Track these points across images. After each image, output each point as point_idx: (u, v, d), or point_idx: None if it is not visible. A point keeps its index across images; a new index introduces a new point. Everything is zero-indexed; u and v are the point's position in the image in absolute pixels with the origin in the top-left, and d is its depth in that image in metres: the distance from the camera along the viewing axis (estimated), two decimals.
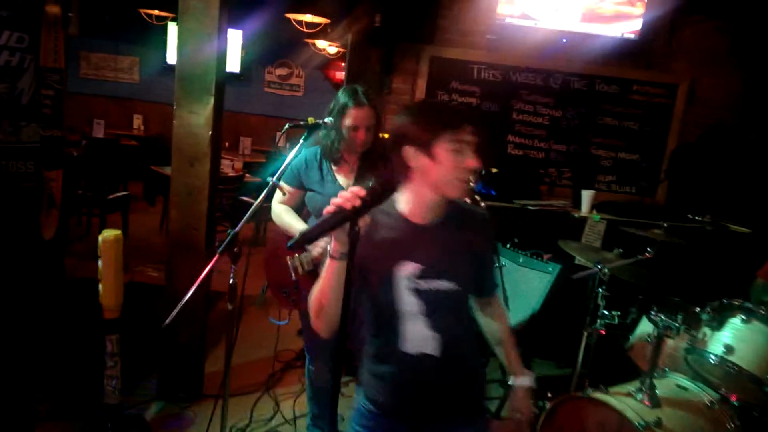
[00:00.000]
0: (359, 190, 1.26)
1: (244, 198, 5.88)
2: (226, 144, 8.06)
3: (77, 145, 6.93)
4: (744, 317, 2.22)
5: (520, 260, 3.31)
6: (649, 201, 4.53)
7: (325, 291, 1.38)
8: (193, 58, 2.76)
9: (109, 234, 2.58)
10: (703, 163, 4.22)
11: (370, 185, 1.28)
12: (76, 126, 8.31)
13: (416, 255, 1.45)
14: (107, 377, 2.64)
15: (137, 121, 9.29)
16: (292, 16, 5.90)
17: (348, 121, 2.30)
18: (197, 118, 2.82)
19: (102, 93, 9.47)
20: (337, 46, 7.71)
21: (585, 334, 2.77)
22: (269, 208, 2.52)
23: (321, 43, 7.71)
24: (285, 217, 2.46)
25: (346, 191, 1.26)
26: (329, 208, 1.25)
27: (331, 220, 1.24)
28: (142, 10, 7.19)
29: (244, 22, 8.28)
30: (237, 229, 2.07)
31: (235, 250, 2.10)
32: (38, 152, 4.11)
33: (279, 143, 4.24)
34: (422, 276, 1.44)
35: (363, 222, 1.30)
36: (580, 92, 4.41)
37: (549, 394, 3.39)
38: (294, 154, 2.20)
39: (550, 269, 3.20)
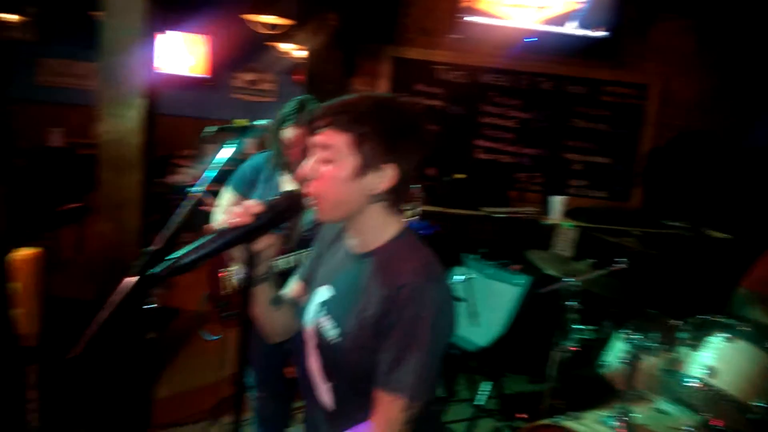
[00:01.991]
0: (254, 205, 1.02)
1: (204, 208, 5.59)
2: (191, 152, 7.77)
3: (28, 155, 6.58)
4: (727, 335, 2.02)
5: (489, 272, 3.14)
6: (623, 206, 4.36)
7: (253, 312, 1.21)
8: (118, 56, 2.50)
9: (22, 252, 2.31)
10: (678, 166, 4.07)
11: (272, 199, 1.05)
12: (33, 135, 7.93)
13: (330, 282, 1.24)
14: (26, 412, 2.37)
15: (97, 129, 8.93)
16: (250, 17, 5.65)
17: (284, 136, 2.07)
18: (126, 122, 2.55)
19: (61, 100, 9.09)
20: (302, 50, 7.47)
21: (556, 350, 2.57)
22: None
23: (285, 46, 7.45)
24: None
25: (238, 206, 1.02)
26: (215, 226, 1.01)
27: (216, 242, 0.99)
28: (95, 14, 6.86)
29: (210, 25, 8.04)
30: (154, 248, 1.81)
31: (155, 271, 1.83)
32: None
33: (204, 150, 3.97)
34: (321, 308, 1.23)
35: (264, 244, 1.06)
36: (549, 93, 4.23)
37: (516, 415, 3.23)
38: (219, 161, 1.96)
39: (520, 281, 3.02)
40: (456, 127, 4.21)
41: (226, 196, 2.30)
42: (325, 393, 1.23)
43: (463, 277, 2.90)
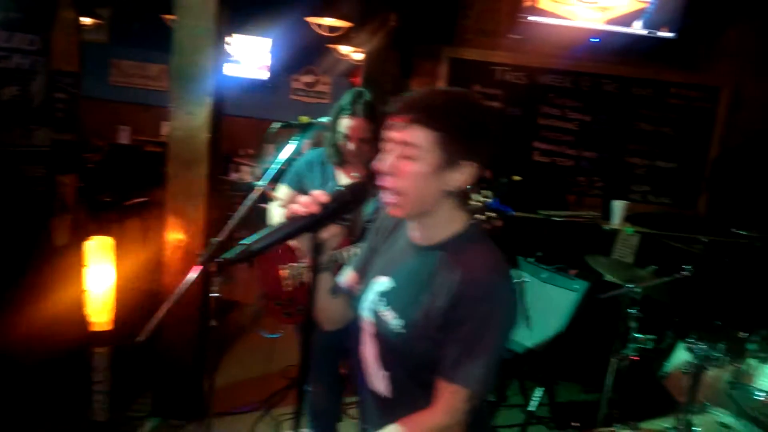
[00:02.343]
0: (320, 195, 1.05)
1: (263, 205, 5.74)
2: (251, 151, 8.00)
3: (100, 150, 6.94)
4: None
5: (544, 276, 3.08)
6: (688, 213, 4.19)
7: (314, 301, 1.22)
8: (189, 55, 2.61)
9: (96, 240, 2.45)
10: (749, 172, 3.88)
11: (338, 190, 1.08)
12: (104, 132, 8.36)
13: (389, 273, 1.25)
14: (95, 393, 2.51)
15: (165, 128, 9.32)
16: (312, 19, 5.77)
17: (340, 127, 2.11)
18: (194, 119, 2.66)
19: (132, 100, 9.54)
20: (361, 51, 7.57)
21: (615, 358, 2.50)
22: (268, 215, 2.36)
23: (344, 49, 7.57)
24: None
25: (306, 196, 1.05)
26: (286, 214, 1.05)
27: (284, 230, 1.03)
28: (167, 17, 7.18)
29: (271, 29, 8.24)
30: (221, 238, 1.90)
31: (219, 260, 1.92)
32: (49, 156, 4.05)
33: (267, 146, 4.08)
34: (380, 299, 1.24)
35: (329, 233, 1.09)
36: (612, 95, 4.12)
37: (573, 424, 3.15)
38: (284, 156, 2.02)
39: (577, 286, 2.96)
40: (514, 128, 4.16)
41: (281, 191, 2.35)
42: (380, 381, 1.25)
43: (515, 280, 2.86)
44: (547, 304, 2.97)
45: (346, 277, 1.39)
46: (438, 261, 1.16)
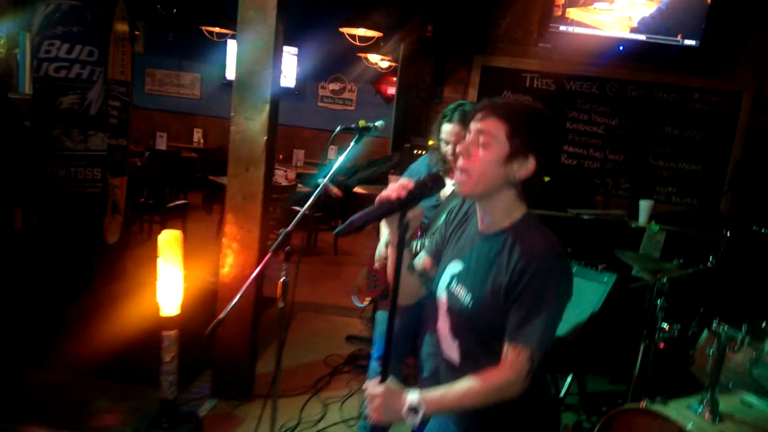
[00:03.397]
0: (408, 182, 1.28)
1: (296, 208, 5.97)
2: (280, 156, 8.25)
3: (141, 156, 7.26)
4: None
5: (574, 269, 3.24)
6: (711, 212, 4.34)
7: (391, 275, 1.39)
8: (250, 66, 2.86)
9: (168, 233, 2.70)
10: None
11: (420, 179, 1.31)
12: (141, 138, 8.71)
13: (460, 257, 1.46)
14: (164, 373, 2.73)
15: (197, 135, 9.66)
16: (345, 30, 6.01)
17: (441, 135, 2.36)
18: (253, 124, 2.90)
19: (165, 108, 9.91)
20: (389, 60, 7.80)
21: (642, 347, 2.65)
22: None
23: (373, 57, 7.81)
24: None
25: (395, 183, 1.28)
26: (378, 198, 1.28)
27: (377, 210, 1.26)
28: (203, 27, 7.50)
29: (300, 38, 8.52)
30: (289, 228, 2.12)
31: (287, 249, 2.14)
32: (104, 160, 4.34)
33: (329, 150, 4.31)
34: (453, 279, 1.44)
35: (412, 214, 1.31)
36: (638, 100, 4.29)
37: (604, 409, 3.30)
38: (343, 157, 2.23)
39: (605, 279, 3.10)
40: None
41: None
42: (453, 350, 1.46)
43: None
44: (578, 297, 3.12)
45: (422, 260, 1.61)
46: (501, 243, 1.35)
